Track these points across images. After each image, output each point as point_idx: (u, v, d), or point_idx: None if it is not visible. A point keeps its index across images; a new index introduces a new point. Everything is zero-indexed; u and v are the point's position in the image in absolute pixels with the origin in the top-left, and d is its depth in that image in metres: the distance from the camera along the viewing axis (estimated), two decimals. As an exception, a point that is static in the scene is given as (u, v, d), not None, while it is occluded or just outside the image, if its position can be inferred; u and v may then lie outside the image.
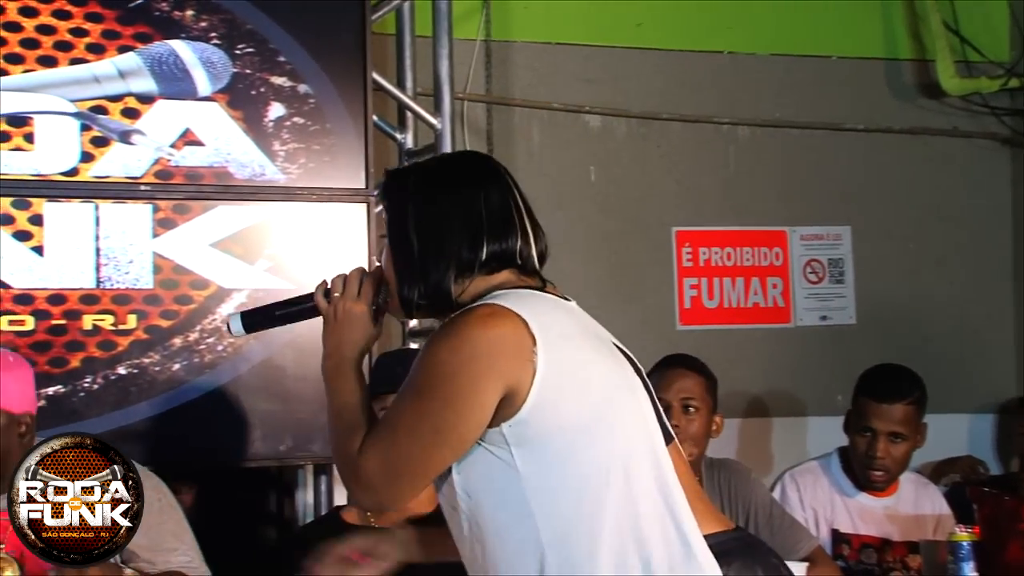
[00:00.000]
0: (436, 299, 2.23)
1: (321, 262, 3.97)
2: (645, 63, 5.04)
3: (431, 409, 2.12)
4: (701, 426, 3.66)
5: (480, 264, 2.23)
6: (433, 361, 2.13)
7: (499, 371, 2.11)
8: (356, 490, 2.21)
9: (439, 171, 2.34)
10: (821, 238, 5.27)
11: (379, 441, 2.17)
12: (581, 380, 2.17)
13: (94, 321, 3.78)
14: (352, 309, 2.30)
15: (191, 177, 3.91)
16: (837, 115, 5.29)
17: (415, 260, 2.23)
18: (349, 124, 4.06)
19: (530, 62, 4.89)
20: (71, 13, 3.81)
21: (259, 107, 4.00)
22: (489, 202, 2.26)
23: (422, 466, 2.16)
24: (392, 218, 2.28)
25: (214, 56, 3.96)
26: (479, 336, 2.11)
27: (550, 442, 2.13)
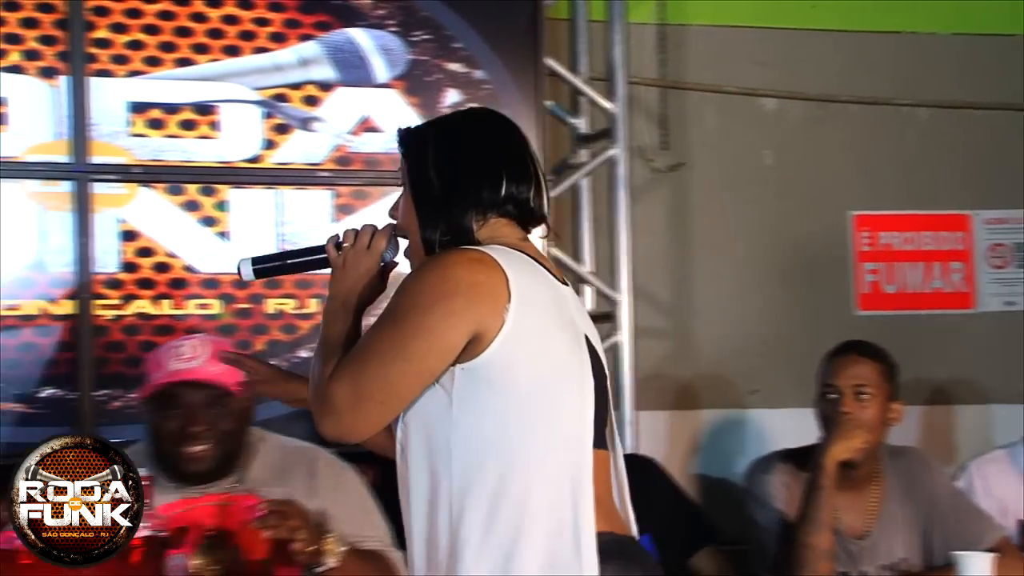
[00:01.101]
0: (457, 236, 2.28)
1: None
2: (821, 44, 4.97)
3: (403, 337, 2.16)
4: (875, 414, 3.59)
5: (499, 203, 2.30)
6: (412, 292, 2.19)
7: (472, 313, 2.16)
8: (321, 414, 2.21)
9: (459, 119, 2.44)
10: (1006, 222, 5.14)
11: (350, 364, 2.20)
12: (538, 351, 2.21)
13: (277, 305, 3.87)
14: (359, 260, 2.36)
15: (369, 163, 3.97)
16: (1021, 94, 5.15)
17: (438, 199, 2.30)
18: (523, 109, 4.09)
19: (704, 45, 4.85)
20: (254, 3, 3.90)
21: (435, 93, 4.05)
22: (510, 147, 2.36)
23: (388, 392, 2.19)
24: (413, 163, 2.34)
25: (391, 43, 4.02)
26: (460, 276, 2.18)
27: (490, 396, 2.18)
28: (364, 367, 2.18)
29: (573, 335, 2.28)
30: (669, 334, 4.76)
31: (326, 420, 2.21)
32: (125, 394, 3.69)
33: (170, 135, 3.81)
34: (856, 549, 3.54)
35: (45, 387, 3.66)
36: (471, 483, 2.17)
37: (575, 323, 2.30)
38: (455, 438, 2.18)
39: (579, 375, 2.27)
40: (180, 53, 3.83)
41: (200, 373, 3.02)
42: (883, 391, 3.63)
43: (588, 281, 4.40)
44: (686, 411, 4.73)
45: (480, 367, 2.17)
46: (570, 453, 2.22)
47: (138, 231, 3.77)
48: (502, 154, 2.34)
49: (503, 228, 2.32)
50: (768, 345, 4.78)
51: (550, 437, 2.20)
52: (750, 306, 4.81)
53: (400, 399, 2.21)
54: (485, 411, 2.18)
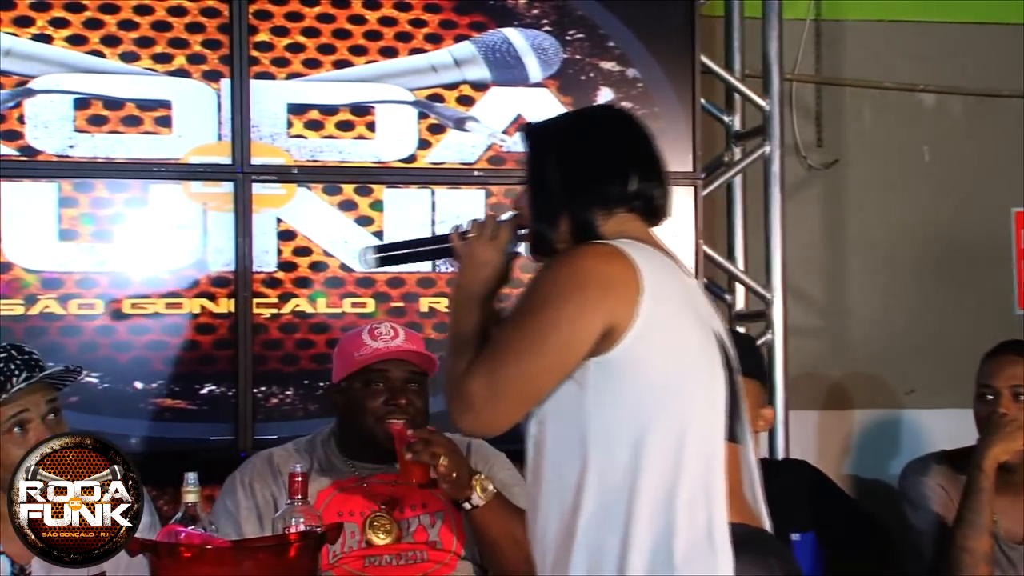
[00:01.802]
0: (581, 231, 2.28)
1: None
2: (982, 38, 4.84)
3: (538, 331, 2.17)
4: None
5: (626, 199, 2.30)
6: (544, 286, 2.19)
7: (606, 306, 2.16)
8: (458, 410, 2.22)
9: (585, 114, 2.45)
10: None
11: (485, 361, 2.20)
12: (671, 344, 2.20)
13: (430, 303, 3.90)
14: (484, 250, 2.37)
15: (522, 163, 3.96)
16: None
17: (555, 193, 2.30)
18: (677, 107, 4.07)
19: (861, 41, 4.76)
20: (411, 5, 3.93)
21: (589, 92, 4.04)
22: (638, 144, 2.36)
23: (524, 387, 2.19)
24: (536, 157, 2.35)
25: (545, 43, 4.02)
26: (592, 268, 2.18)
27: (624, 389, 2.17)
28: (500, 363, 2.19)
29: (702, 328, 2.27)
30: (822, 333, 4.69)
31: (464, 416, 2.22)
32: (282, 392, 3.76)
33: (327, 136, 3.86)
34: (1015, 554, 3.45)
35: (205, 384, 3.74)
36: (607, 476, 2.17)
37: (704, 316, 2.30)
38: (590, 431, 2.18)
39: (710, 369, 2.26)
40: (338, 55, 3.87)
41: (406, 349, 3.15)
42: None
43: (740, 280, 4.36)
44: (839, 411, 4.65)
45: (614, 361, 2.17)
46: (703, 445, 2.22)
47: (296, 230, 3.83)
48: (631, 150, 2.35)
49: (629, 223, 2.32)
50: (925, 344, 4.68)
51: (683, 430, 2.20)
52: (906, 305, 4.71)
53: (536, 393, 2.22)
54: (619, 404, 2.18)
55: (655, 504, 2.16)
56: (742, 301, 4.42)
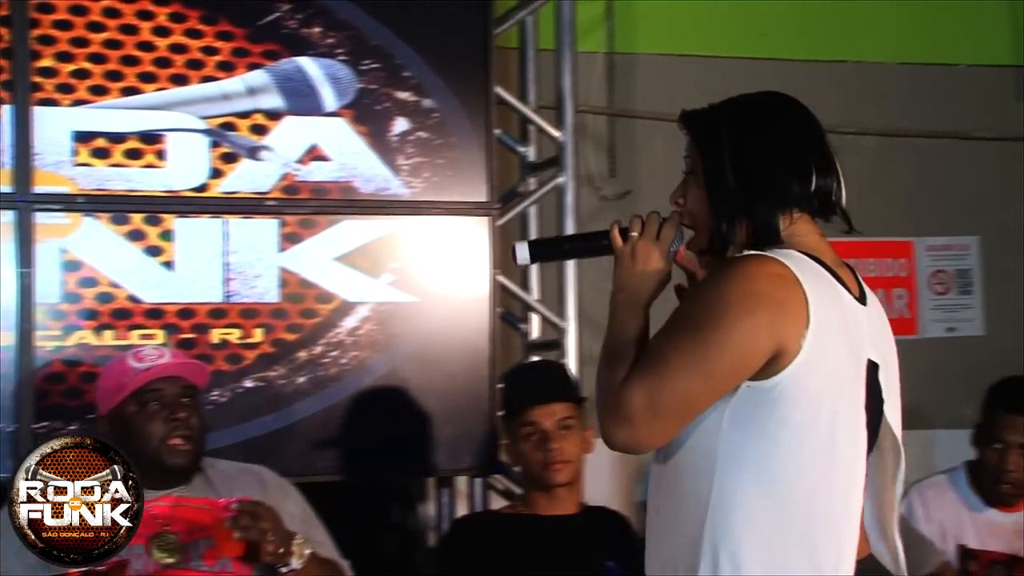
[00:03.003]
0: (764, 236, 2.17)
1: (445, 275, 3.97)
2: (769, 74, 4.93)
3: (707, 352, 2.07)
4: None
5: (807, 198, 2.19)
6: (713, 303, 2.09)
7: (774, 333, 2.07)
8: (613, 423, 2.11)
9: (755, 103, 2.27)
10: (948, 248, 5.14)
11: (648, 374, 2.09)
12: (825, 383, 2.11)
13: (222, 335, 3.79)
14: (649, 251, 2.24)
15: (317, 192, 3.90)
16: (966, 124, 5.16)
17: (736, 192, 2.18)
18: (472, 138, 4.03)
19: (653, 74, 4.83)
20: (203, 32, 3.82)
21: (384, 122, 3.98)
22: (812, 134, 2.23)
23: (687, 406, 2.10)
24: (707, 150, 2.22)
25: (340, 72, 3.95)
26: (764, 292, 2.08)
27: (767, 419, 2.09)
28: (664, 379, 2.08)
29: (856, 363, 2.17)
30: (616, 361, 4.71)
31: (620, 430, 2.10)
32: (65, 426, 3.60)
33: (115, 164, 3.71)
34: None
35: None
36: (732, 500, 2.09)
37: (862, 348, 2.18)
38: (721, 451, 2.10)
39: (854, 407, 2.16)
40: (126, 82, 3.74)
41: (178, 363, 3.10)
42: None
43: (535, 309, 4.36)
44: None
45: (766, 389, 2.09)
46: (838, 490, 2.14)
47: (81, 261, 3.68)
48: (808, 142, 2.22)
49: (804, 226, 2.21)
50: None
51: (820, 471, 2.12)
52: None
53: (694, 414, 2.11)
54: (758, 433, 2.10)
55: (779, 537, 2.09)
56: (537, 330, 4.41)
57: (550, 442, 3.39)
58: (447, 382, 3.94)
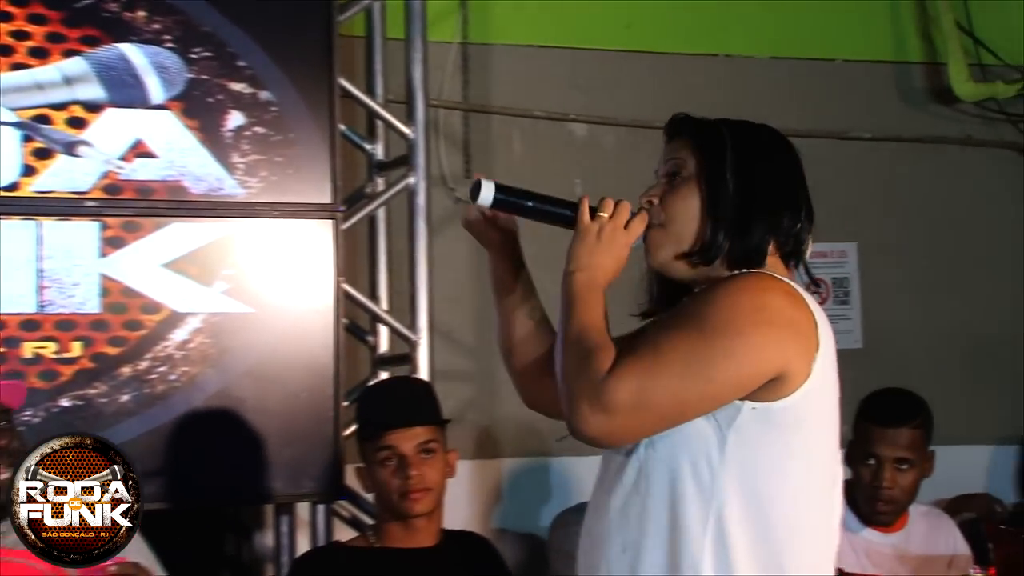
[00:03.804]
0: (750, 257, 2.25)
1: (284, 283, 3.98)
2: (635, 67, 5.04)
3: (711, 354, 2.12)
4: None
5: (789, 234, 2.29)
6: (725, 308, 2.15)
7: (784, 351, 2.14)
8: (590, 410, 2.13)
9: (755, 130, 2.38)
10: (825, 256, 5.27)
11: (642, 366, 2.13)
12: (830, 410, 2.21)
13: (35, 349, 3.76)
14: (616, 236, 2.30)
15: (142, 192, 3.88)
16: (842, 123, 5.29)
17: (738, 208, 2.26)
18: (314, 134, 4.05)
19: (511, 66, 4.88)
20: (12, 15, 3.79)
21: (216, 116, 3.98)
22: (802, 178, 2.36)
23: (676, 408, 2.14)
24: (712, 159, 2.30)
25: (168, 61, 3.94)
26: (779, 307, 2.15)
27: (775, 445, 2.16)
28: (659, 374, 2.12)
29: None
30: (471, 377, 4.75)
31: (595, 417, 2.12)
32: None
33: (-86, 160, 3.68)
34: None
35: None
36: (731, 532, 2.13)
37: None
38: (722, 483, 2.14)
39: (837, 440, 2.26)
40: (-74, 69, 3.70)
41: None
42: None
43: (384, 320, 4.37)
44: (487, 460, 4.73)
45: (775, 412, 2.14)
46: (835, 519, 2.24)
47: None
48: (800, 182, 2.34)
49: (778, 260, 2.30)
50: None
51: (824, 502, 2.21)
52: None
53: (682, 419, 2.15)
54: (765, 460, 2.15)
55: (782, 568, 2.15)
56: (386, 343, 4.43)
57: (409, 468, 3.39)
58: (287, 400, 3.94)
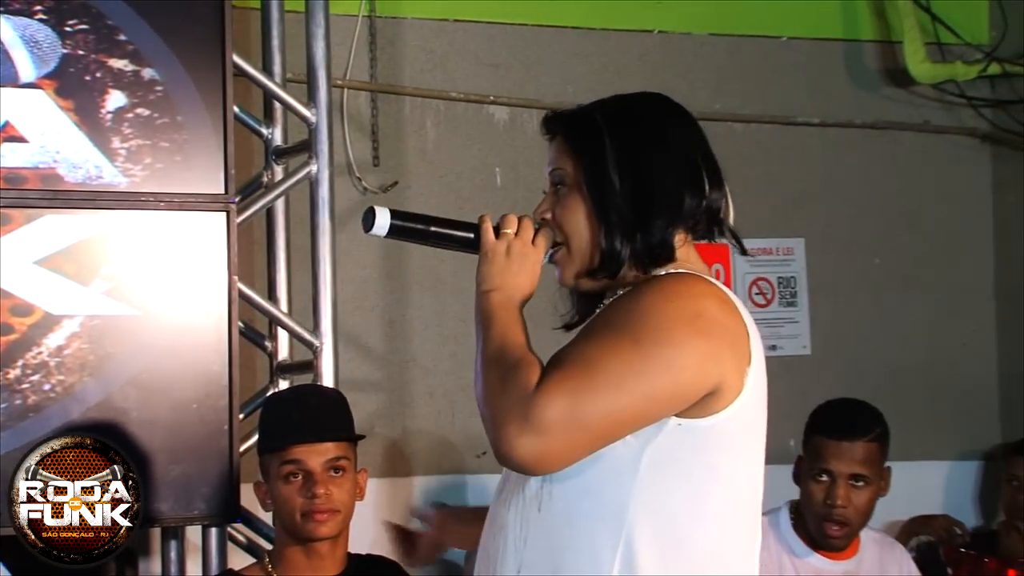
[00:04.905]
0: (659, 255, 2.28)
1: (172, 283, 3.99)
2: (560, 44, 5.07)
3: (649, 368, 2.15)
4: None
5: (696, 214, 2.31)
6: (658, 316, 2.18)
7: (721, 364, 2.17)
8: (520, 433, 2.14)
9: (636, 107, 2.39)
10: (769, 253, 5.33)
11: (572, 382, 2.15)
12: (759, 429, 2.25)
13: None
14: (527, 253, 2.34)
15: (11, 180, 3.89)
16: (788, 106, 5.35)
17: (625, 206, 2.29)
18: (205, 117, 4.07)
19: (423, 43, 4.90)
20: None
21: (95, 96, 3.99)
22: (703, 145, 2.38)
23: (612, 426, 2.16)
24: (587, 157, 2.32)
25: (39, 34, 3.94)
26: (715, 316, 2.19)
27: (696, 465, 2.19)
28: (591, 390, 2.14)
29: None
30: (380, 387, 4.78)
31: (525, 439, 2.13)
32: None
33: None
34: None
35: None
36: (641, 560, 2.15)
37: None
38: (635, 504, 2.16)
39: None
40: None
41: None
42: None
43: (284, 324, 4.35)
44: (398, 478, 4.75)
45: (701, 430, 2.17)
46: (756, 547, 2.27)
47: None
48: (699, 152, 2.35)
49: (691, 248, 2.33)
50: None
51: (746, 529, 2.23)
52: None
53: (614, 438, 2.17)
54: (685, 482, 2.17)
55: None
56: (286, 350, 4.42)
57: (316, 486, 3.42)
58: (176, 412, 3.95)
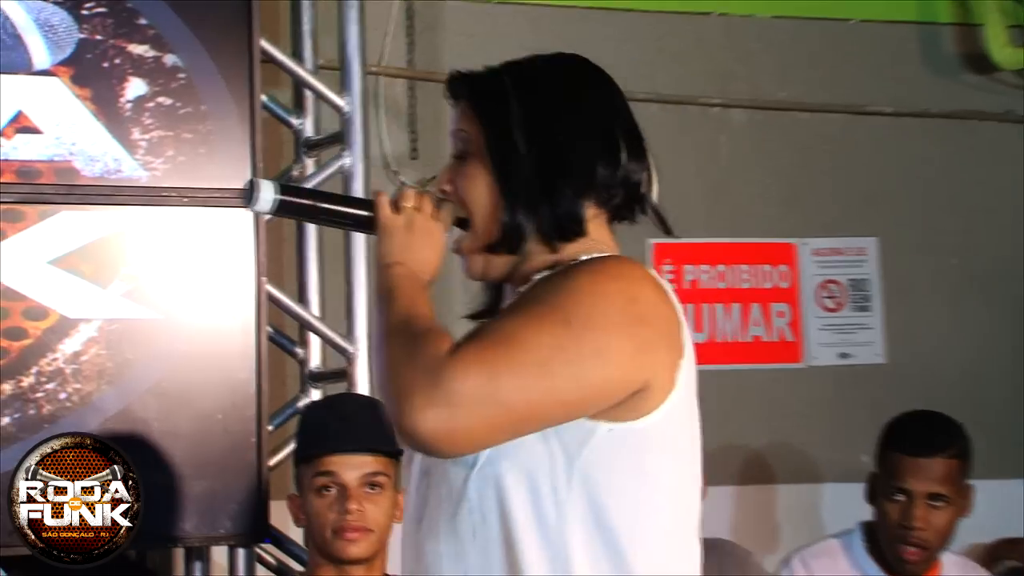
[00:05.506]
0: (565, 228, 2.24)
1: (195, 284, 4.00)
2: (611, 28, 5.07)
3: (580, 349, 2.08)
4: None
5: (611, 185, 2.25)
6: (600, 297, 2.11)
7: (654, 356, 2.11)
8: (428, 404, 2.04)
9: (546, 67, 2.34)
10: (840, 253, 5.32)
11: (492, 353, 2.07)
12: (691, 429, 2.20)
13: None
14: (429, 228, 2.29)
15: (24, 174, 3.91)
16: (859, 95, 5.34)
17: (531, 174, 2.25)
18: (231, 106, 4.08)
19: (464, 26, 4.93)
20: None
21: (113, 84, 4.00)
22: (622, 110, 2.31)
23: (528, 410, 2.08)
24: (489, 121, 2.28)
25: (54, 17, 3.96)
26: (651, 300, 2.14)
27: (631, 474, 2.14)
28: (512, 365, 2.06)
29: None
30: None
31: (433, 411, 2.04)
32: None
33: None
34: None
35: None
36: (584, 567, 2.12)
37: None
38: (572, 525, 2.12)
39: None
40: None
41: None
42: None
43: (316, 329, 4.36)
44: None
45: (636, 433, 2.12)
46: (698, 559, 2.23)
47: None
48: (616, 117, 2.29)
49: (603, 225, 2.29)
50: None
51: (688, 538, 2.21)
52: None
53: (527, 427, 2.09)
54: (621, 493, 2.13)
55: None
56: (318, 356, 4.42)
57: (348, 501, 3.43)
58: (200, 424, 3.96)
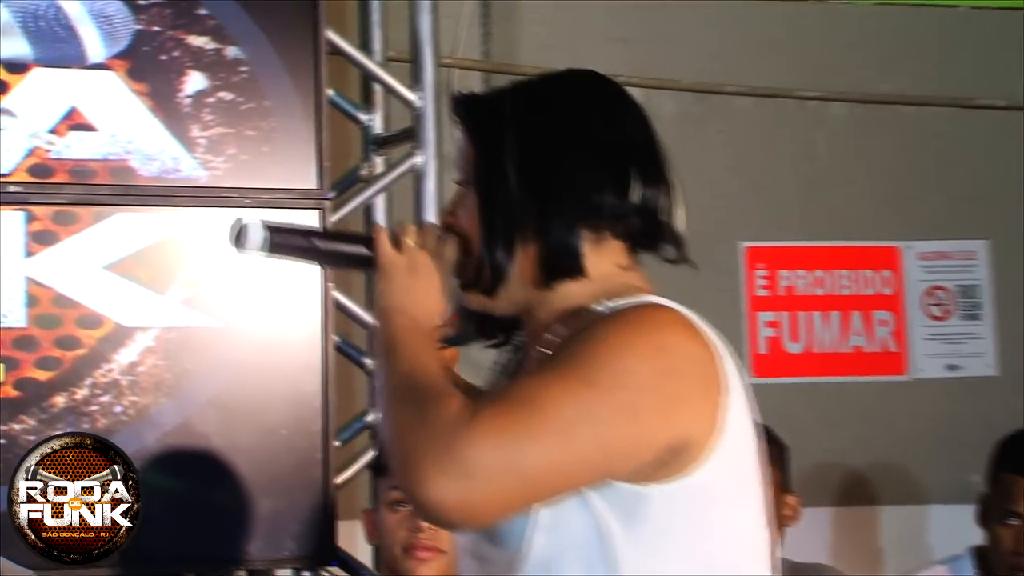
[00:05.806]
0: (558, 264, 2.18)
1: (258, 291, 4.00)
2: (698, 15, 5.08)
3: (606, 414, 2.03)
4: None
5: (623, 215, 2.18)
6: (625, 351, 2.05)
7: (689, 409, 2.06)
8: (442, 475, 2.00)
9: (553, 87, 2.29)
10: (947, 257, 5.29)
11: (511, 422, 2.01)
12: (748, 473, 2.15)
13: None
14: (434, 266, 2.24)
15: (78, 174, 3.92)
16: (968, 87, 5.33)
17: (517, 202, 2.18)
18: (296, 101, 4.09)
19: (542, 15, 4.94)
20: (-88, -49, 3.84)
21: (172, 78, 4.01)
22: (637, 131, 2.25)
23: (551, 478, 2.03)
24: (482, 146, 2.23)
25: (109, 8, 3.98)
26: (682, 347, 2.08)
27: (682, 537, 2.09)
28: (536, 433, 2.01)
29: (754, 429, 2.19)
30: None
31: (449, 483, 1.99)
32: None
33: None
34: None
35: None
36: None
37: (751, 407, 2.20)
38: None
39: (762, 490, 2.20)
40: None
41: None
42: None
43: None
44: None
45: (680, 492, 2.07)
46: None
47: None
48: (629, 140, 2.23)
49: (622, 257, 2.22)
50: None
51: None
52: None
53: (553, 493, 2.05)
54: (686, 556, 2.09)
55: None
56: None
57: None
58: (262, 438, 3.97)
